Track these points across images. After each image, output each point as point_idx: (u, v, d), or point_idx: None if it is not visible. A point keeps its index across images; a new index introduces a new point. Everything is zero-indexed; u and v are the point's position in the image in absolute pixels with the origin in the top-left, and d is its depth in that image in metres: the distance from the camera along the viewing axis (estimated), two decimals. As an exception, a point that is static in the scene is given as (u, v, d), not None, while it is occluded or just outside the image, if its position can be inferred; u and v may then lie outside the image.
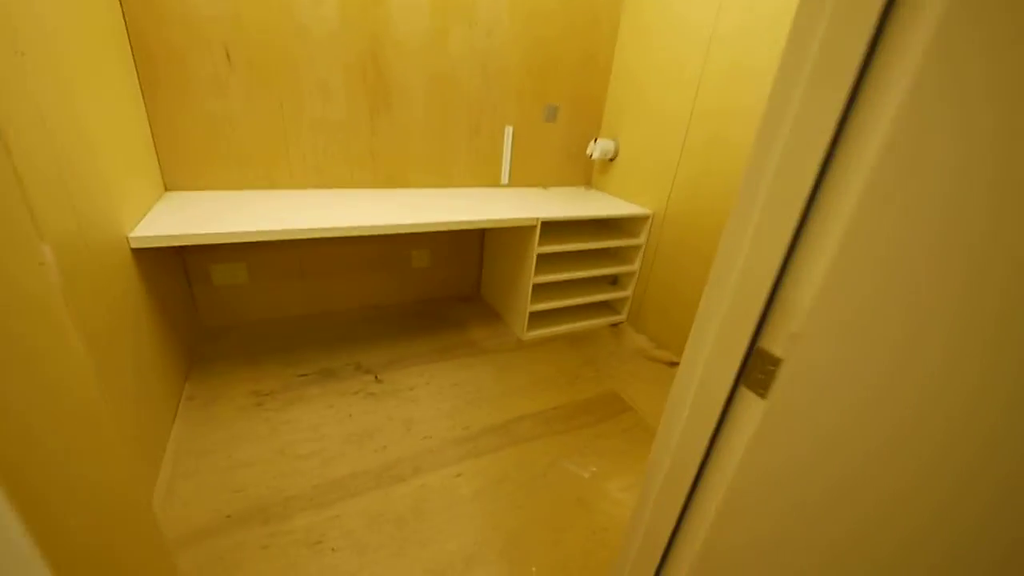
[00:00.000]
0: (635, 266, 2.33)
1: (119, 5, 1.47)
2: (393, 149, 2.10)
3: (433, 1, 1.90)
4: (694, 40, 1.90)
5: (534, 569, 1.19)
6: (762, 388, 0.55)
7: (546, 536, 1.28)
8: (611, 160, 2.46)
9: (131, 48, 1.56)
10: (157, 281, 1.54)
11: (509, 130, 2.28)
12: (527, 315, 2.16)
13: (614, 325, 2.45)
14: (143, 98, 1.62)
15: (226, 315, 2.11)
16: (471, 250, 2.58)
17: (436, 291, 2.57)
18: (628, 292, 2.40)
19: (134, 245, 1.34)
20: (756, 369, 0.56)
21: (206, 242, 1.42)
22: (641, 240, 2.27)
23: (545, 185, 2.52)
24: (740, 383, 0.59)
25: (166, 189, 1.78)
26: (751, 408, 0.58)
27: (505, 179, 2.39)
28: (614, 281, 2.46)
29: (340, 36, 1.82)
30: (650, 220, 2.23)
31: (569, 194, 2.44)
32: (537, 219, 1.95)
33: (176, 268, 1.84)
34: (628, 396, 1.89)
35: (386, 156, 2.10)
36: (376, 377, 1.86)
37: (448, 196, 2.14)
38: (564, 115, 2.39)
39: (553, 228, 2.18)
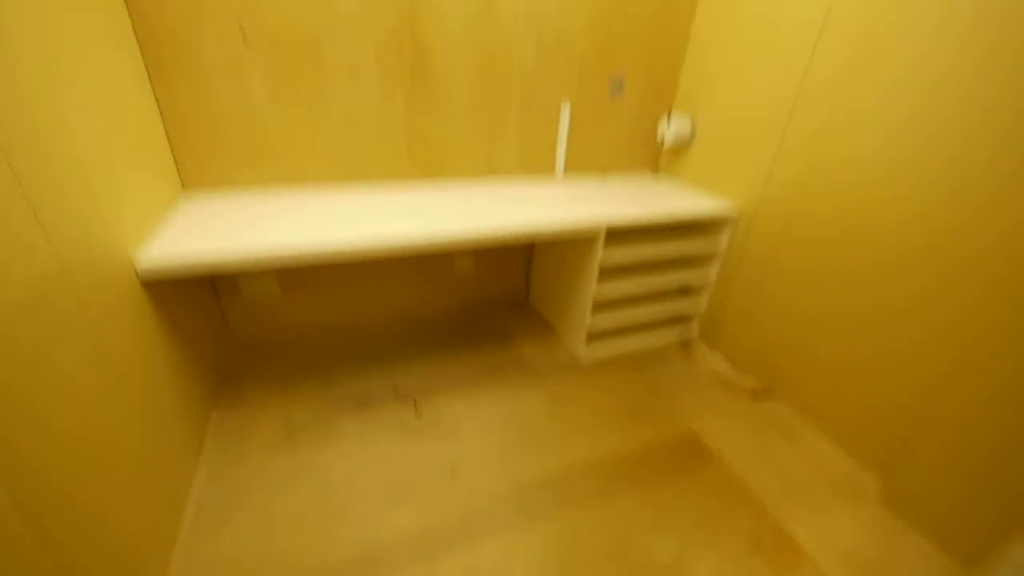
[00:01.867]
0: (711, 274, 1.98)
1: (108, -20, 1.23)
2: (432, 137, 1.80)
3: (480, -46, 1.54)
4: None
5: None
6: None
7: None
8: (686, 146, 2.06)
9: (133, 28, 1.32)
10: (175, 305, 1.36)
11: (566, 108, 1.92)
12: (585, 333, 1.88)
13: (684, 342, 2.13)
14: (151, 84, 1.40)
15: (257, 328, 1.95)
16: (520, 252, 2.29)
17: (480, 296, 2.32)
18: (702, 304, 2.06)
19: (144, 274, 1.14)
20: None
21: (231, 270, 1.21)
22: (721, 244, 1.91)
23: (604, 174, 2.17)
24: None
25: (184, 188, 1.58)
26: None
27: (560, 166, 2.06)
28: (685, 290, 2.12)
29: (371, 7, 1.51)
30: (734, 221, 1.86)
31: (634, 185, 2.08)
32: (602, 227, 1.63)
33: (202, 282, 1.67)
34: (709, 438, 1.61)
35: (424, 145, 1.81)
36: (415, 407, 1.65)
37: (495, 191, 1.84)
38: (632, 88, 2.00)
39: (618, 232, 1.85)
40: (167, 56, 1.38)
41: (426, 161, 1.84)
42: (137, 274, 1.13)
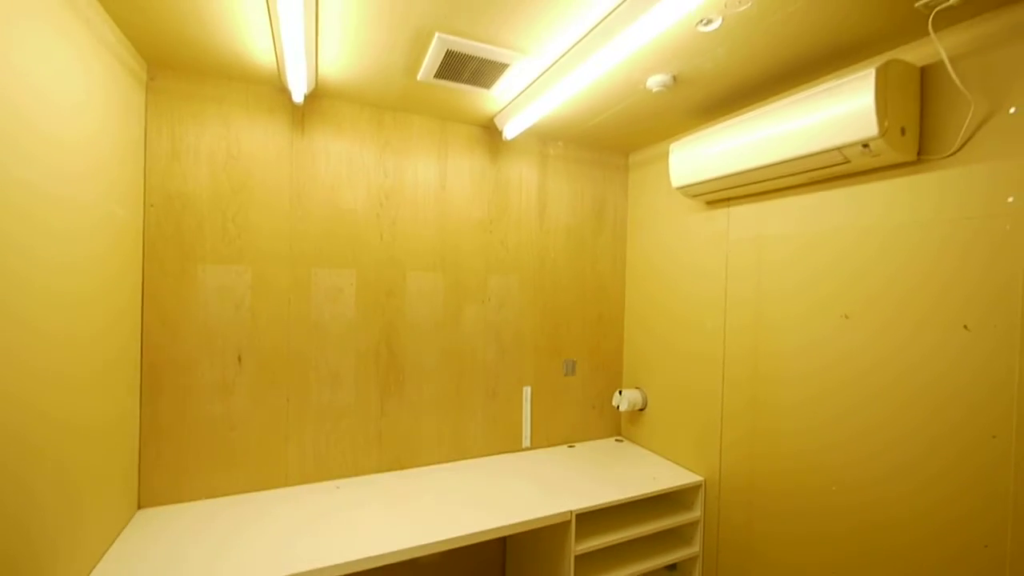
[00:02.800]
0: (695, 547, 1.88)
1: (139, 317, 1.49)
2: (403, 428, 1.92)
3: (447, 284, 1.99)
4: (709, 292, 1.89)
5: None
6: None
7: None
8: (641, 410, 2.25)
9: (141, 364, 1.52)
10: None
11: (527, 391, 2.15)
12: (570, 645, 1.63)
13: (685, 637, 1.85)
14: (140, 405, 1.52)
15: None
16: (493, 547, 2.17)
17: (450, 591, 2.06)
18: (695, 585, 1.88)
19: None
20: None
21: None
22: (697, 513, 1.88)
23: (571, 443, 2.26)
24: None
25: (140, 506, 1.54)
26: None
27: (527, 441, 2.15)
28: (673, 567, 1.97)
29: (356, 328, 1.83)
30: (703, 487, 1.88)
31: (600, 451, 2.16)
32: (570, 512, 1.63)
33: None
34: None
35: (395, 436, 1.91)
36: None
37: (463, 472, 1.87)
38: (583, 368, 2.29)
39: (589, 515, 1.82)
40: (165, 380, 1.56)
41: (396, 452, 1.91)
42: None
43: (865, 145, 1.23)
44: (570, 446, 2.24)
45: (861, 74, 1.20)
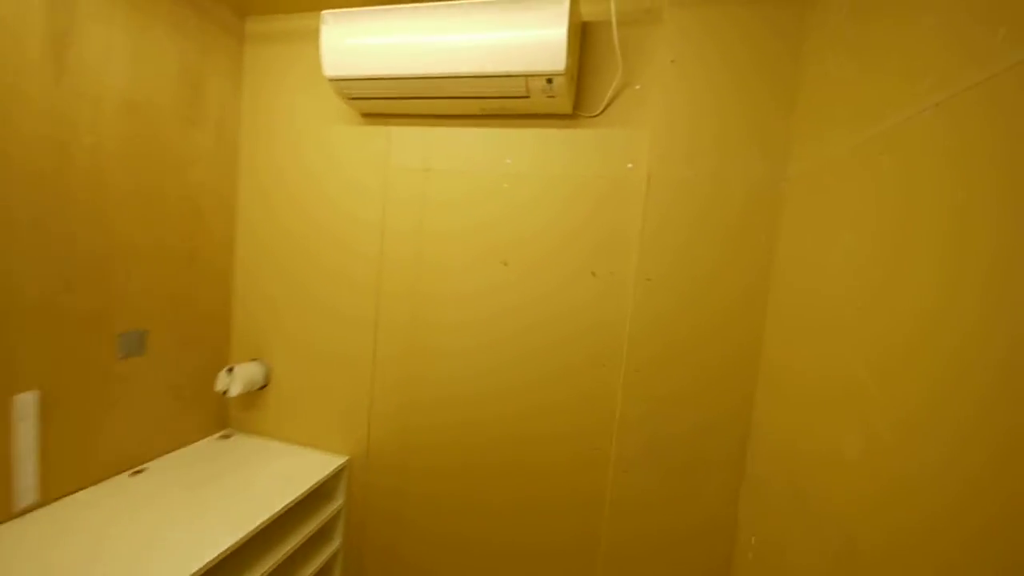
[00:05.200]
0: (336, 542, 1.55)
1: None
2: None
3: None
4: (362, 228, 1.51)
5: None
6: None
7: None
8: (263, 388, 1.65)
9: None
10: None
11: (26, 401, 1.11)
12: None
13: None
14: None
15: None
16: None
17: None
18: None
19: None
20: None
21: None
22: (339, 501, 1.54)
23: (140, 465, 1.39)
24: None
25: None
26: None
27: (28, 496, 1.13)
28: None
29: None
30: (347, 470, 1.56)
31: (196, 461, 1.43)
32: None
33: None
34: None
35: None
36: None
37: None
38: (161, 342, 1.43)
39: None
40: None
41: None
42: None
43: (549, 80, 1.16)
44: (136, 472, 1.37)
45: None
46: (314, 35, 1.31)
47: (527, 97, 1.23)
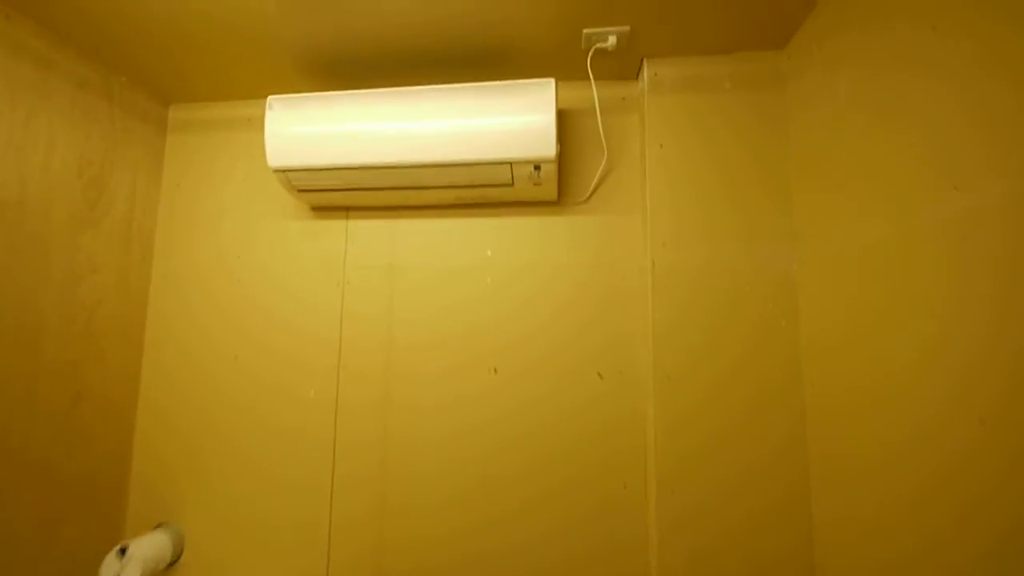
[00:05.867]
0: None
1: None
2: None
3: None
4: (315, 342, 1.23)
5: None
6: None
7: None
8: (171, 567, 1.21)
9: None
10: None
11: None
12: None
13: None
14: None
15: None
16: None
17: None
18: None
19: None
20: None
21: None
22: None
23: None
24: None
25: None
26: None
27: None
28: None
29: None
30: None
31: None
32: None
33: None
34: None
35: None
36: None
37: None
38: (8, 527, 1.00)
39: None
40: None
41: None
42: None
43: (537, 167, 1.04)
44: None
45: (541, 81, 1.01)
46: (256, 123, 1.12)
47: (511, 185, 1.09)
